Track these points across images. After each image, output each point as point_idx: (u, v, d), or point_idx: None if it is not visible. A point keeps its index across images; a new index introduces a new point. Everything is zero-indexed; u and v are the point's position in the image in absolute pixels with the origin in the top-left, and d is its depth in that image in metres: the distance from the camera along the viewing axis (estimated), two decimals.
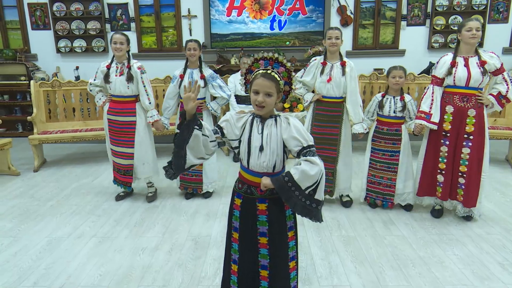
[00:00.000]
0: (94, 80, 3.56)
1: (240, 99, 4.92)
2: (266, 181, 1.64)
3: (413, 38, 6.21)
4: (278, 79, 1.65)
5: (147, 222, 3.25)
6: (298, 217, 1.80)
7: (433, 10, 6.05)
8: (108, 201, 3.69)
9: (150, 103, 3.49)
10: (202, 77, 3.53)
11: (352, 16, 6.19)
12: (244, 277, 1.82)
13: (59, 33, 6.30)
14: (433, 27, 6.13)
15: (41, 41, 6.37)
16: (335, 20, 6.19)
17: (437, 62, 3.13)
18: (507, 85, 2.98)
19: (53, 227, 3.18)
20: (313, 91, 3.45)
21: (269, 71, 1.65)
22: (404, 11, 6.16)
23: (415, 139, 3.59)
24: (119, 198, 3.72)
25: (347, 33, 6.28)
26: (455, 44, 3.09)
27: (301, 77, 3.39)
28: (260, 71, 1.65)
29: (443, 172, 3.13)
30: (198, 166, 3.66)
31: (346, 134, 3.38)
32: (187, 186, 3.72)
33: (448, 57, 3.06)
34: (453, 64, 2.98)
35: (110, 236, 3.01)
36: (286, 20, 6.25)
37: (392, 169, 3.32)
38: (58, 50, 6.36)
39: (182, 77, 3.52)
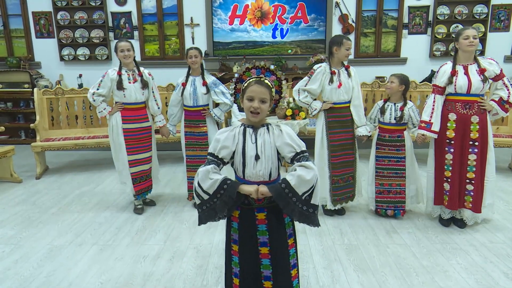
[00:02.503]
0: (98, 89, 3.42)
1: (242, 107, 4.92)
2: (263, 189, 1.63)
3: (415, 46, 6.24)
4: (271, 86, 1.69)
5: (149, 230, 3.24)
6: (300, 225, 1.79)
7: (435, 18, 6.09)
8: (110, 209, 3.69)
9: (158, 108, 3.60)
10: (204, 83, 3.55)
11: (353, 24, 6.23)
12: None
13: (63, 41, 6.36)
14: (434, 36, 6.16)
15: (45, 49, 6.43)
16: (337, 28, 6.23)
17: (437, 71, 3.13)
18: (508, 90, 3.00)
19: (54, 234, 3.17)
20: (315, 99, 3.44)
21: (262, 79, 1.69)
22: (406, 20, 6.20)
23: (419, 147, 3.58)
24: (141, 211, 3.60)
25: None
26: (454, 52, 3.10)
27: (305, 86, 3.35)
28: (254, 79, 1.69)
29: (449, 180, 3.11)
30: None
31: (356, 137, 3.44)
32: None
33: (448, 66, 3.06)
34: (453, 73, 2.99)
35: (112, 244, 3.00)
36: (288, 28, 6.29)
37: (400, 174, 3.29)
38: (61, 58, 6.42)
39: (184, 85, 3.54)
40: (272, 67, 1.76)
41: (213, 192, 1.65)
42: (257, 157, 1.66)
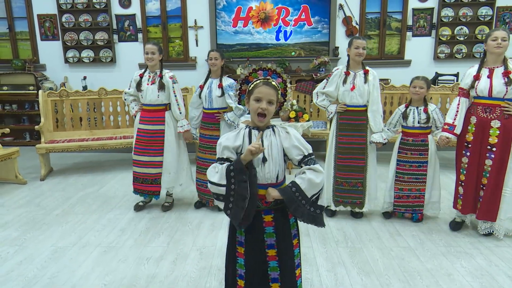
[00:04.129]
0: (129, 89, 3.61)
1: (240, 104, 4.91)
2: (274, 193, 1.64)
3: (419, 48, 6.22)
4: (278, 88, 1.70)
5: (152, 231, 3.25)
6: (303, 227, 1.79)
7: (439, 20, 6.07)
8: (114, 211, 3.70)
9: (180, 112, 3.54)
10: (220, 86, 3.50)
11: (357, 26, 6.22)
12: None
13: (67, 43, 6.40)
14: (439, 38, 6.14)
15: (50, 52, 6.47)
16: (340, 31, 6.23)
17: (464, 74, 3.08)
18: None
19: (58, 236, 3.18)
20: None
21: (269, 80, 1.69)
22: (410, 22, 6.18)
23: (442, 150, 3.54)
24: (139, 208, 3.67)
25: None
26: (482, 54, 3.03)
27: (323, 88, 3.35)
28: (261, 80, 1.68)
29: (463, 184, 3.07)
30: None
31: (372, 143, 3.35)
32: (202, 197, 3.71)
33: (474, 68, 3.00)
34: (476, 77, 2.93)
35: (115, 245, 3.01)
36: (291, 30, 6.30)
37: (421, 179, 3.26)
38: (66, 60, 6.45)
39: (201, 87, 3.55)
40: (278, 69, 1.76)
41: (227, 181, 1.61)
42: (264, 159, 1.66)
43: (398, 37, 6.29)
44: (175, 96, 3.49)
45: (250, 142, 1.68)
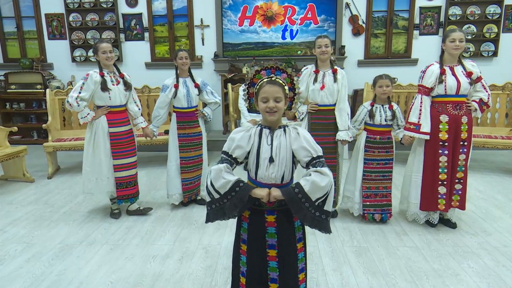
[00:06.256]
0: (80, 92, 3.20)
1: (251, 108, 4.92)
2: (276, 193, 1.61)
3: (426, 47, 6.18)
4: (284, 84, 1.68)
5: (158, 230, 3.26)
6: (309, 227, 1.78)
7: (446, 19, 6.03)
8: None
9: (139, 109, 3.52)
10: (196, 85, 3.59)
11: (364, 25, 6.19)
12: None
13: (74, 42, 6.45)
14: None
15: (57, 51, 6.52)
16: (347, 29, 6.20)
17: (423, 72, 3.11)
18: (486, 91, 3.08)
19: (65, 233, 3.21)
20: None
21: (273, 78, 1.68)
22: (417, 20, 6.14)
23: (400, 148, 3.58)
24: (116, 215, 3.50)
25: (359, 43, 6.28)
26: (440, 53, 3.12)
27: None
28: (265, 80, 1.68)
29: (445, 182, 3.08)
30: (199, 171, 3.71)
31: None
32: (190, 196, 3.74)
33: (435, 66, 3.07)
34: (443, 72, 3.00)
35: (122, 243, 3.03)
36: (298, 29, 6.28)
37: (387, 176, 3.27)
38: (73, 59, 6.50)
39: (176, 86, 3.51)
40: (281, 65, 1.74)
41: (225, 193, 1.63)
42: (271, 160, 1.65)
43: (405, 35, 6.25)
44: (132, 94, 3.49)
45: (259, 141, 1.68)
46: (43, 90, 6.03)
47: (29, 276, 2.57)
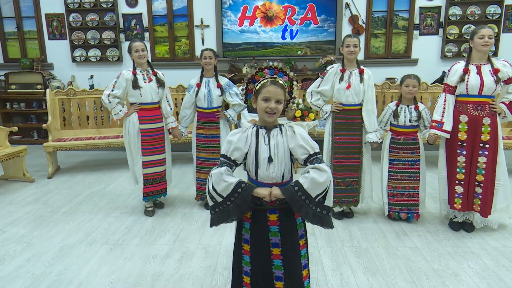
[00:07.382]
0: (113, 90, 3.38)
1: (251, 108, 4.92)
2: (276, 192, 1.62)
3: (426, 47, 6.18)
4: (285, 86, 1.69)
5: (158, 230, 3.26)
6: (309, 226, 1.78)
7: (446, 19, 6.03)
8: (120, 209, 3.72)
9: (171, 109, 3.58)
10: (219, 86, 3.54)
11: (364, 25, 6.19)
12: None
13: (74, 42, 6.45)
14: (446, 36, 6.10)
15: (57, 51, 6.53)
16: (347, 29, 6.20)
17: (449, 70, 3.10)
18: None
19: (65, 233, 3.21)
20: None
21: (277, 79, 1.68)
22: (417, 21, 6.14)
23: (430, 148, 3.54)
24: (150, 213, 3.55)
25: None
26: (468, 51, 3.06)
27: (318, 87, 3.32)
28: (269, 79, 1.68)
29: (462, 182, 3.06)
30: None
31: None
32: (203, 197, 3.71)
33: (460, 65, 3.02)
34: (466, 70, 2.95)
35: (121, 243, 3.03)
36: (297, 29, 6.28)
37: (414, 177, 3.25)
38: (73, 60, 6.50)
39: (199, 86, 3.53)
40: (284, 67, 1.75)
41: (227, 195, 1.64)
42: (270, 159, 1.66)
43: (405, 35, 6.25)
44: (165, 93, 3.55)
45: (257, 141, 1.68)
46: (43, 90, 6.04)
47: (29, 276, 2.57)
